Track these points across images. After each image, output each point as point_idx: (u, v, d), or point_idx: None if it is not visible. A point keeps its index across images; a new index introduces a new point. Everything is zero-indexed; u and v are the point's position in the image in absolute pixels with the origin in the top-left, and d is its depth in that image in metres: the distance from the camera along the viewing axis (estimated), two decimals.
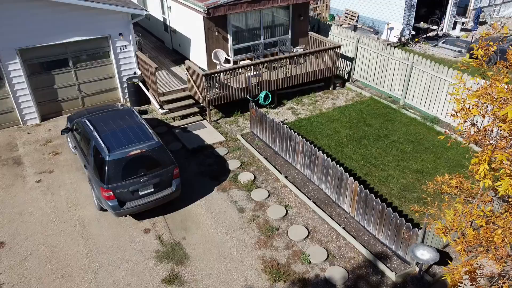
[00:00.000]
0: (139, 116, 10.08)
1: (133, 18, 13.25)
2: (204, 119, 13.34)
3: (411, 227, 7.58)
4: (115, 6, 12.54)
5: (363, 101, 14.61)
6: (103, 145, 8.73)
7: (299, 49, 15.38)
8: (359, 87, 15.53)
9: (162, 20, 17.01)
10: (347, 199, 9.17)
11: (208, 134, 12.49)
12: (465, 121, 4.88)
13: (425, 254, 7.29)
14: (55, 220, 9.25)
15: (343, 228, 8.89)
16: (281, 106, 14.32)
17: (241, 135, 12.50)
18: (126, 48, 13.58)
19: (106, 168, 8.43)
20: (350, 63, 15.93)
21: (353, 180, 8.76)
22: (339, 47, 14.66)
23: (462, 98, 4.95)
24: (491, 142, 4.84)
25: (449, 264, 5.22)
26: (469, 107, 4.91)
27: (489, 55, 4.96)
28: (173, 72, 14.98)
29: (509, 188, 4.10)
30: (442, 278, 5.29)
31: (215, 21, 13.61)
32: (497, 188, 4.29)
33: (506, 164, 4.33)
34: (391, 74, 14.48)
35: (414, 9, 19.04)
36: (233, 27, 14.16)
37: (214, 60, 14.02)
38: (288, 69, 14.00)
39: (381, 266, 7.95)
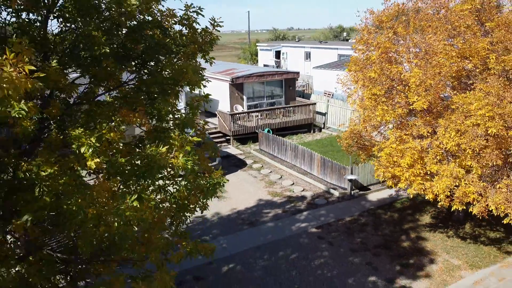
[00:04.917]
0: None
1: None
2: (229, 144, 20.75)
3: (345, 167, 14.55)
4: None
5: (332, 137, 22.14)
6: None
7: (289, 108, 23.43)
8: (331, 131, 23.18)
9: (198, 93, 25.37)
10: (315, 168, 16.17)
11: (232, 150, 19.80)
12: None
13: (351, 176, 14.14)
14: None
15: (313, 179, 15.77)
16: None
17: (253, 150, 19.81)
18: (179, 104, 21.55)
19: None
20: (324, 116, 23.83)
21: (318, 154, 15.91)
22: (315, 104, 22.74)
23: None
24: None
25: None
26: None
27: None
28: (206, 121, 22.78)
29: None
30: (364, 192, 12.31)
31: (236, 87, 21.84)
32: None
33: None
34: (348, 119, 22.21)
35: None
36: (247, 91, 22.36)
37: (234, 111, 21.92)
38: (282, 117, 21.87)
39: (332, 191, 14.73)
